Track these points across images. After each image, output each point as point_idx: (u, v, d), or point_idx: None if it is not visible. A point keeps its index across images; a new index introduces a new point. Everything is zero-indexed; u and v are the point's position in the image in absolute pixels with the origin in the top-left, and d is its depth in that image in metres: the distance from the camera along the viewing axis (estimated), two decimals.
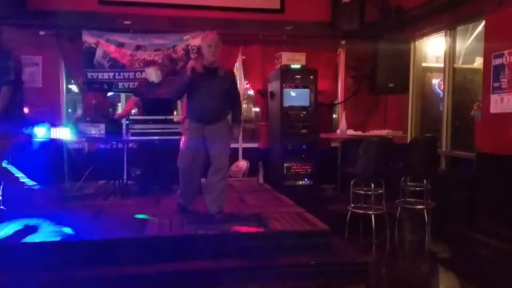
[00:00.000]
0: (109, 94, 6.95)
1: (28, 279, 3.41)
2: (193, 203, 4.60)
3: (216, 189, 4.38)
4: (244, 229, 4.07)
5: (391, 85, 6.65)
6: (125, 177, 6.02)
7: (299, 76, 6.49)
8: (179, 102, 6.44)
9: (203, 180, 4.63)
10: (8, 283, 3.39)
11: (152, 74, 5.85)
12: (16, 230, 3.98)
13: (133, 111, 6.13)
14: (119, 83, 6.67)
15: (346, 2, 6.61)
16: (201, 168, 4.44)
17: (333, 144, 7.26)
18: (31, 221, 4.23)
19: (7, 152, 4.60)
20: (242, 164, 7.11)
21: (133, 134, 5.26)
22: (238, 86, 7.29)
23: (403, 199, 5.37)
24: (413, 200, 5.56)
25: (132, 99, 5.97)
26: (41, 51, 6.64)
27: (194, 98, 4.32)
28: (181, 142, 4.44)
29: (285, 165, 6.47)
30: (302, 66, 6.57)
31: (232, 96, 4.44)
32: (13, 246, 3.63)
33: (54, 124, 5.37)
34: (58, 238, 3.74)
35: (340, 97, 7.50)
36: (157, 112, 5.38)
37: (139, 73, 6.63)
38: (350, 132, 6.42)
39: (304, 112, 6.51)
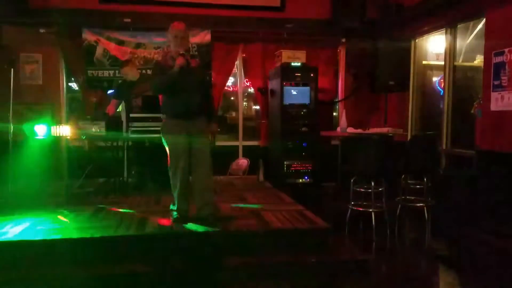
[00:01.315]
0: (109, 91, 6.94)
1: (27, 276, 3.42)
2: (190, 206, 4.26)
3: (201, 188, 4.16)
4: (244, 226, 4.07)
5: (391, 82, 6.64)
6: (125, 174, 6.01)
7: (299, 74, 6.50)
8: None
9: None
10: (7, 281, 3.39)
11: (129, 73, 5.82)
12: (16, 228, 3.98)
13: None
14: (119, 81, 6.66)
15: (347, 0, 6.60)
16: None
17: (333, 142, 7.27)
18: (31, 219, 4.23)
19: None
20: (242, 162, 7.12)
21: (133, 132, 5.27)
22: (238, 83, 7.38)
23: (403, 197, 5.36)
24: (413, 198, 5.55)
25: (113, 102, 5.93)
26: (41, 49, 6.65)
27: (172, 94, 4.08)
28: (165, 143, 4.19)
29: (285, 163, 6.47)
30: (302, 64, 6.57)
31: (207, 90, 4.32)
32: (13, 244, 3.63)
33: (54, 122, 5.36)
34: (58, 236, 3.74)
35: (340, 95, 7.50)
36: (156, 109, 5.37)
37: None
38: (351, 130, 6.41)
39: (304, 110, 6.51)
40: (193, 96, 4.09)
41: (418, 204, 5.31)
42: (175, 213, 4.23)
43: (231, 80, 7.56)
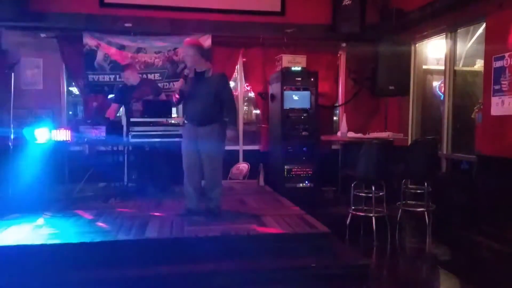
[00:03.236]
0: (110, 96, 6.95)
1: (28, 281, 3.41)
2: (198, 205, 4.59)
3: (209, 187, 4.56)
4: (244, 231, 4.07)
5: (391, 87, 6.65)
6: (125, 179, 6.01)
7: (300, 79, 6.50)
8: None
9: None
10: (8, 285, 3.38)
11: (130, 78, 5.83)
12: (17, 232, 3.97)
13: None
14: (120, 85, 6.67)
15: (347, 5, 6.62)
16: (200, 168, 4.51)
17: (333, 147, 7.26)
18: (31, 223, 4.22)
19: None
20: (243, 166, 7.11)
21: (134, 137, 5.27)
22: (239, 88, 7.38)
23: (403, 202, 5.36)
24: (413, 202, 5.55)
25: (113, 106, 5.95)
26: (42, 54, 6.66)
27: (186, 100, 4.51)
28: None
29: (285, 167, 6.46)
30: (302, 68, 6.57)
31: (224, 99, 4.51)
32: (13, 249, 3.62)
33: (55, 126, 5.37)
34: (58, 241, 3.74)
35: (340, 99, 7.50)
36: (157, 114, 5.39)
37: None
38: (351, 134, 6.42)
39: (304, 115, 6.51)
40: (203, 104, 4.41)
41: (418, 209, 5.31)
42: (184, 209, 4.58)
43: (231, 85, 7.56)
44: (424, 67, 6.99)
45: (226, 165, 7.01)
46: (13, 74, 5.54)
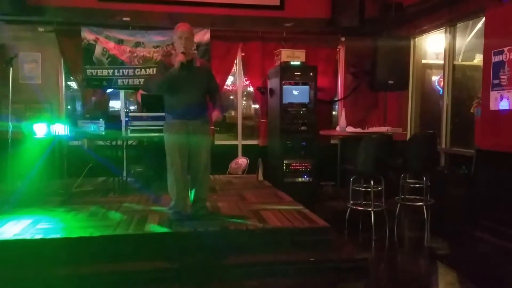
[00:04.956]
0: (109, 90, 6.95)
1: (27, 275, 3.41)
2: (187, 208, 4.37)
3: (195, 185, 4.28)
4: (243, 225, 4.07)
5: (390, 82, 6.63)
6: (124, 173, 6.02)
7: (299, 73, 6.48)
8: None
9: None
10: (7, 279, 3.39)
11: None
12: (16, 226, 3.97)
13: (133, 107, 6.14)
14: (119, 80, 6.67)
15: None
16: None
17: (332, 141, 7.26)
18: (30, 218, 4.23)
19: None
20: (242, 161, 7.12)
21: (133, 131, 5.26)
22: (238, 82, 7.37)
23: (402, 196, 5.37)
24: (412, 197, 5.56)
25: (140, 94, 5.95)
26: (40, 48, 6.65)
27: (173, 93, 4.13)
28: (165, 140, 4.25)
29: (284, 162, 6.46)
30: (301, 63, 6.56)
31: (212, 88, 4.33)
32: (12, 243, 3.63)
33: (53, 121, 5.36)
34: (57, 235, 3.74)
35: (339, 94, 7.50)
36: (156, 109, 5.38)
37: (138, 69, 6.64)
38: (350, 129, 6.40)
39: (303, 109, 6.50)
40: (193, 96, 4.16)
41: (417, 203, 5.32)
42: (173, 211, 4.27)
43: (230, 79, 7.56)
44: (423, 61, 6.98)
45: (225, 160, 7.05)
46: (11, 68, 5.54)
